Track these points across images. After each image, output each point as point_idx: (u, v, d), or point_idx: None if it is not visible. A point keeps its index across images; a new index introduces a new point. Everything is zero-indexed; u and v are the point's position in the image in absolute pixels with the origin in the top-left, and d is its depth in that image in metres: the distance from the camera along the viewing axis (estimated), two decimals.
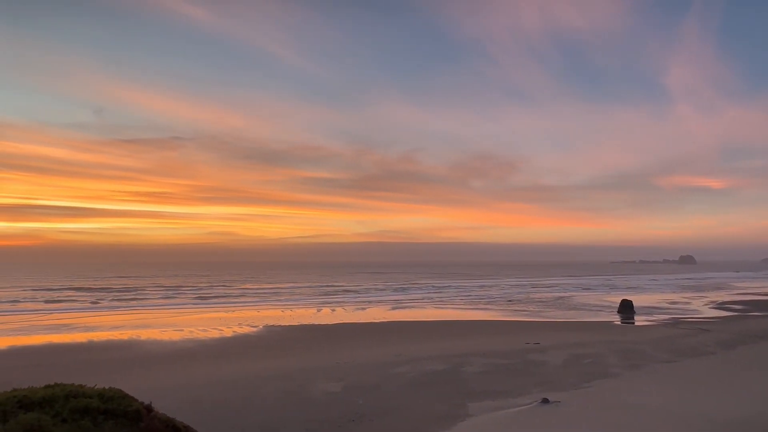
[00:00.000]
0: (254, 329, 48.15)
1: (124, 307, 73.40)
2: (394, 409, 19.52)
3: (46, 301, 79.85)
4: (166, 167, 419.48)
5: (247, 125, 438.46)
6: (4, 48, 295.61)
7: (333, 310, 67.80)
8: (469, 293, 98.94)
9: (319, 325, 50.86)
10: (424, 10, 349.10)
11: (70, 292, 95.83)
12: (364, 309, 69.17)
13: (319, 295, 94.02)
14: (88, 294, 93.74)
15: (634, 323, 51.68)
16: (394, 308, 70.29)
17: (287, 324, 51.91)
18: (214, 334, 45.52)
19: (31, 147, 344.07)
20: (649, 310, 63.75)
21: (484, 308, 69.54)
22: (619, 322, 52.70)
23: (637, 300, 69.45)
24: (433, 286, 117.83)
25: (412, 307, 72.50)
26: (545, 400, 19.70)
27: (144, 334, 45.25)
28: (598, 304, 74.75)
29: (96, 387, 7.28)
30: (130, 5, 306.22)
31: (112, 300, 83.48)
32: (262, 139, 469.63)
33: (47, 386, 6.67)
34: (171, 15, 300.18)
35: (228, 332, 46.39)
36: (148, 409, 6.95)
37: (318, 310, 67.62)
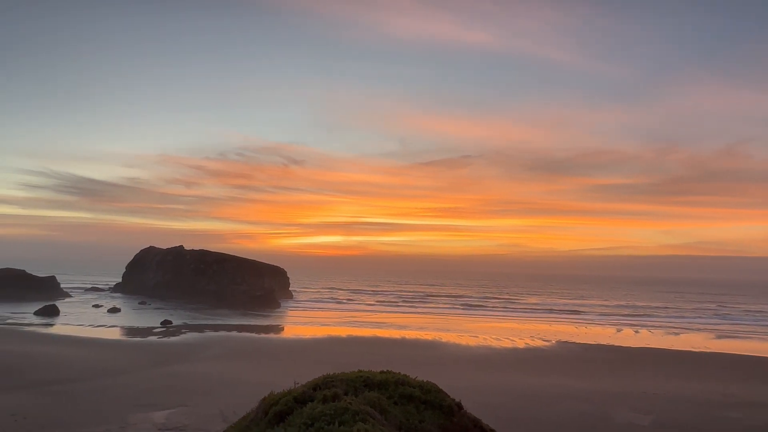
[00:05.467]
0: (547, 343, 47.17)
1: (427, 310, 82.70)
2: None
3: (372, 301, 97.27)
4: (457, 184, 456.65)
5: (530, 137, 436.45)
6: (336, 99, 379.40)
7: (636, 332, 60.57)
8: None
9: (620, 347, 46.16)
10: None
11: (384, 297, 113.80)
12: (676, 334, 59.40)
13: (618, 313, 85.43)
14: (399, 297, 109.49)
15: None
16: (718, 337, 58.02)
17: (582, 342, 48.95)
18: (506, 343, 46.63)
19: (356, 175, 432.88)
20: None
21: None
22: None
23: None
24: None
25: (747, 337, 58.27)
26: None
27: (444, 337, 49.90)
28: None
29: (416, 378, 8.45)
30: (420, 45, 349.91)
31: (418, 303, 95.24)
32: (546, 148, 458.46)
33: (382, 372, 8.14)
34: (457, 45, 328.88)
35: (520, 343, 46.81)
36: (459, 406, 7.68)
37: (618, 330, 61.54)
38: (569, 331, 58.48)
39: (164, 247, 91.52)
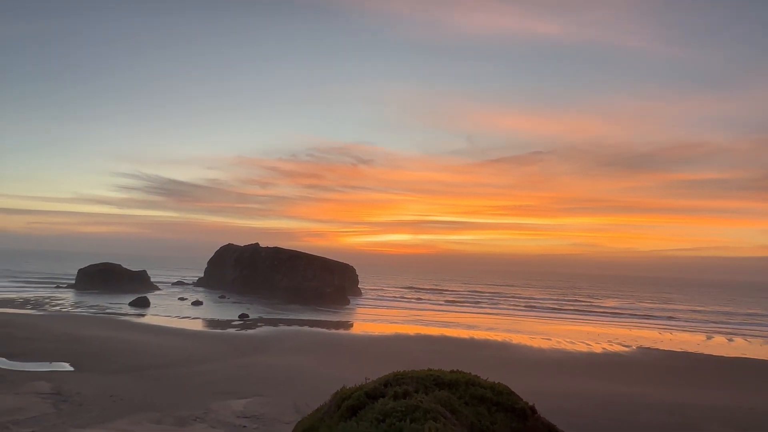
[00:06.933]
0: (626, 349, 44.60)
1: (497, 310, 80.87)
2: None
3: (441, 300, 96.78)
4: (527, 181, 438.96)
5: (606, 131, 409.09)
6: (403, 98, 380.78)
7: (730, 340, 55.77)
8: None
9: (710, 356, 42.73)
10: None
11: (453, 296, 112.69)
12: None
13: (708, 319, 78.98)
14: (468, 296, 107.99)
15: None
16: None
17: (666, 349, 45.82)
18: (582, 347, 44.57)
19: (424, 174, 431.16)
20: None
21: None
22: None
23: None
24: None
25: None
26: None
27: (515, 338, 48.58)
28: None
29: (487, 379, 8.29)
30: (488, 39, 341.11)
31: (487, 303, 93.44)
32: (624, 143, 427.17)
33: (452, 371, 8.07)
34: (526, 38, 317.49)
35: (597, 348, 44.59)
36: (532, 410, 7.44)
37: (708, 338, 56.98)
38: (652, 337, 54.93)
39: (241, 245, 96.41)
